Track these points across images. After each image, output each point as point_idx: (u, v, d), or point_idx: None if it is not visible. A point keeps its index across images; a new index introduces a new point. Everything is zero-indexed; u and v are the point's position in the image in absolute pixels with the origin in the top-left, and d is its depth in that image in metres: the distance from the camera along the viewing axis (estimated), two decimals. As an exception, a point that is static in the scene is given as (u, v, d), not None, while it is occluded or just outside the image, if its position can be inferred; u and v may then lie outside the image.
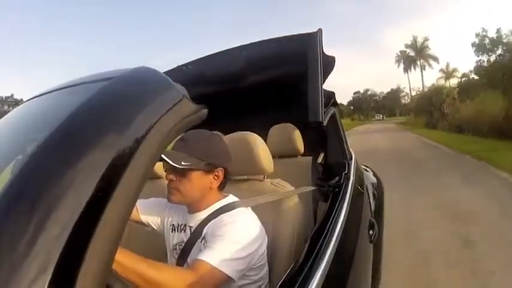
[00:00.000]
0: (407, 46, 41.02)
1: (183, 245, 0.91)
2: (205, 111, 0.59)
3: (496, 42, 12.12)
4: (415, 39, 39.54)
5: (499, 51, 12.02)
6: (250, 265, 0.83)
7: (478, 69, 13.91)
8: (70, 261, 0.37)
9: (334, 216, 1.12)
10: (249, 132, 1.11)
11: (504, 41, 11.62)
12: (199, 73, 1.64)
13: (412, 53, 40.53)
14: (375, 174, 2.52)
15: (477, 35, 13.17)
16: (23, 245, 0.35)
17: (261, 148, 1.07)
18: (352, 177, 1.57)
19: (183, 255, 0.89)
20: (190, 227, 0.91)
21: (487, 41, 12.67)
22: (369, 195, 1.88)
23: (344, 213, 1.18)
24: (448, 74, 26.40)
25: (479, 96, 13.19)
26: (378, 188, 2.27)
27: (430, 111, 21.10)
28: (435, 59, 37.51)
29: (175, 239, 0.95)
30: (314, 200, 1.45)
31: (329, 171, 1.72)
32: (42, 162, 0.43)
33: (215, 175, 0.89)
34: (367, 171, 2.44)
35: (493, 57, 12.56)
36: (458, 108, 15.88)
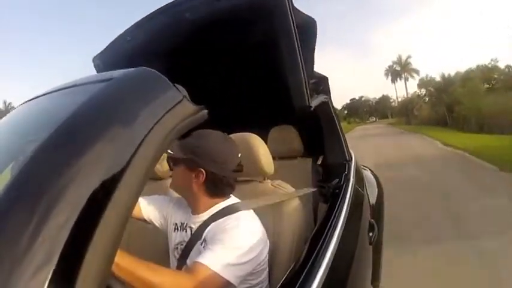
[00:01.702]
0: (394, 62, 52.72)
1: (184, 244, 0.90)
2: (205, 112, 0.59)
3: (431, 81, 28.43)
4: (400, 57, 51.55)
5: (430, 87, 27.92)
6: (251, 270, 0.83)
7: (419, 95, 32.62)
8: (70, 261, 0.37)
9: (334, 217, 1.12)
10: (249, 133, 1.11)
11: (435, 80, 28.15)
12: (143, 47, 1.28)
13: (398, 68, 52.10)
14: (375, 175, 2.52)
15: (420, 79, 31.71)
16: (23, 245, 0.34)
17: (261, 149, 1.07)
18: (352, 179, 1.57)
19: (184, 256, 0.89)
20: (191, 228, 0.91)
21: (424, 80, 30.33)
22: (368, 196, 1.87)
23: (344, 215, 1.18)
24: (427, 82, 34.86)
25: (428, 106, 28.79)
26: (378, 190, 2.26)
27: (407, 113, 35.84)
28: (416, 71, 48.38)
29: (177, 238, 0.95)
30: (314, 201, 1.45)
31: (329, 172, 1.72)
32: (42, 162, 0.42)
33: (195, 174, 0.86)
34: (365, 169, 2.42)
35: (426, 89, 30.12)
36: (422, 111, 29.63)
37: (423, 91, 31.34)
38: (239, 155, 0.91)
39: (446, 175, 5.58)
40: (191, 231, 0.91)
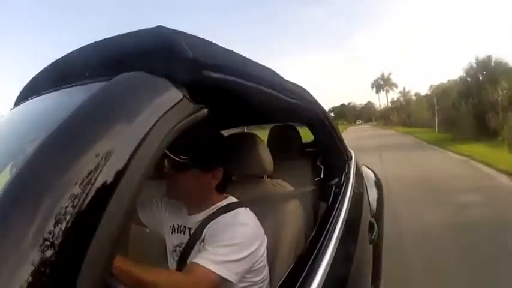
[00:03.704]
0: (378, 78, 70.17)
1: (182, 246, 0.90)
2: (205, 111, 0.59)
3: (404, 95, 55.45)
4: (383, 74, 69.53)
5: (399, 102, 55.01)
6: (250, 267, 0.83)
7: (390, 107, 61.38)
8: (70, 261, 0.37)
9: (334, 216, 1.12)
10: (248, 131, 1.10)
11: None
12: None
13: (381, 82, 68.63)
14: (375, 174, 2.52)
15: (393, 98, 58.31)
16: (24, 246, 0.34)
17: (261, 148, 1.07)
18: (352, 178, 1.57)
19: (183, 257, 0.88)
20: (190, 229, 0.91)
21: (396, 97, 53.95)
22: (368, 196, 1.88)
23: (344, 214, 1.18)
24: (404, 94, 53.94)
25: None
26: (378, 189, 2.26)
27: (385, 118, 52.86)
28: (395, 85, 65.57)
29: (175, 241, 0.95)
30: (314, 200, 1.45)
31: (329, 171, 1.71)
32: (41, 162, 0.42)
33: (213, 175, 0.89)
34: (364, 168, 2.42)
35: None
36: (394, 117, 47.76)
37: (395, 105, 52.28)
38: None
39: (386, 136, 19.88)
40: (189, 232, 0.91)
